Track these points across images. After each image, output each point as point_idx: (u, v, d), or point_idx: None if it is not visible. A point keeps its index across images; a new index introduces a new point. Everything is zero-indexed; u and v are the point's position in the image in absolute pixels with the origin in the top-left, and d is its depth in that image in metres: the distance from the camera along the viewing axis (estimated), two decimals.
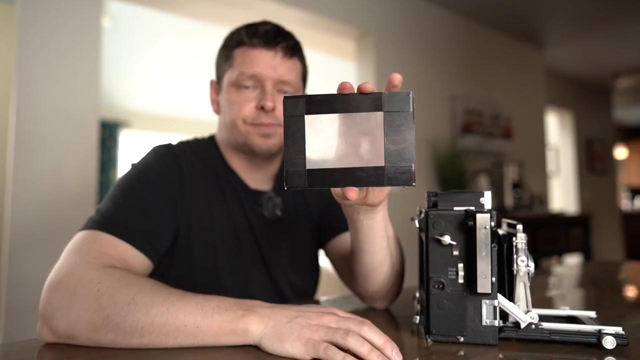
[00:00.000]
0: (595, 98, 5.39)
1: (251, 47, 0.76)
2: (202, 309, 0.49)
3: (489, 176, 3.28)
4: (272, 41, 0.76)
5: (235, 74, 0.76)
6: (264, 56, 0.75)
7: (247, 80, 0.75)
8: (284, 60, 0.76)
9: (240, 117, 0.76)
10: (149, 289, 0.51)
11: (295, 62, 0.80)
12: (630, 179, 7.65)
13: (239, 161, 0.82)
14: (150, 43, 3.56)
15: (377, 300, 0.70)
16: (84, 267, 0.54)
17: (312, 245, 0.88)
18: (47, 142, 1.76)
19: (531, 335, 0.50)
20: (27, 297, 1.67)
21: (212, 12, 2.39)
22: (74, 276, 0.53)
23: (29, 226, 1.70)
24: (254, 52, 0.75)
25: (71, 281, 0.52)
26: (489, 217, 0.48)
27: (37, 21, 1.76)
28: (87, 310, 0.50)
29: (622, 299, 0.79)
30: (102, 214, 0.65)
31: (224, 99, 0.79)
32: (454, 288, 0.50)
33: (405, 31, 3.01)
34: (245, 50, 0.76)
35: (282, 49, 0.76)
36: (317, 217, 0.87)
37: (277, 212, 0.83)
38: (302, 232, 0.86)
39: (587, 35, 3.82)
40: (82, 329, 0.50)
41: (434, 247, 0.51)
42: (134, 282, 0.52)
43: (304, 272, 0.86)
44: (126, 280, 0.52)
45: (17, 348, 0.51)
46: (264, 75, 0.75)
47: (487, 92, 3.59)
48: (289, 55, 0.77)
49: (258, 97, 0.76)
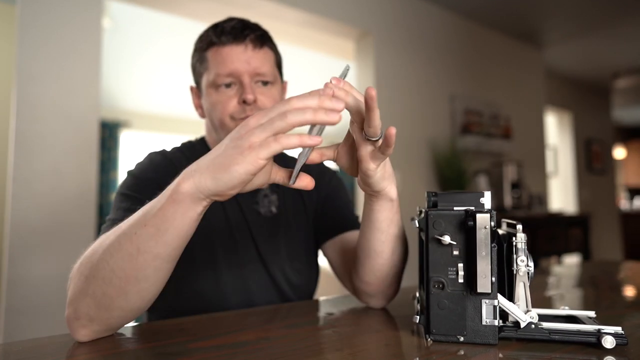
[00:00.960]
0: (594, 98, 5.40)
1: (221, 46, 0.77)
2: (142, 213, 0.49)
3: (488, 176, 3.28)
4: (240, 35, 0.77)
5: (212, 75, 0.77)
6: (235, 51, 0.77)
7: (224, 79, 0.77)
8: (255, 52, 0.78)
9: (226, 114, 0.77)
10: (106, 234, 0.52)
11: (267, 51, 0.81)
12: (629, 179, 7.66)
13: None
14: (151, 43, 3.56)
15: (373, 297, 0.69)
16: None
17: (309, 242, 0.88)
18: (47, 142, 1.76)
19: (531, 335, 0.50)
20: (27, 297, 1.67)
21: (212, 12, 2.39)
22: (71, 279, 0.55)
23: (28, 226, 1.70)
24: (224, 49, 0.77)
25: (70, 284, 0.54)
26: (489, 217, 0.48)
27: (37, 21, 1.76)
28: (75, 285, 0.52)
29: (622, 299, 0.79)
30: (109, 220, 0.68)
31: (207, 102, 0.80)
32: (454, 288, 0.50)
33: (405, 31, 3.01)
34: (216, 49, 0.77)
35: (251, 41, 0.78)
36: (313, 214, 0.88)
37: (273, 209, 0.84)
38: (299, 229, 0.86)
39: (586, 35, 3.82)
40: (76, 299, 0.51)
41: (434, 247, 0.51)
42: (98, 243, 0.53)
43: (302, 269, 0.86)
44: (92, 251, 0.53)
45: (17, 348, 0.51)
46: (239, 70, 0.76)
47: (486, 92, 3.59)
48: (259, 46, 0.79)
49: (238, 93, 0.77)
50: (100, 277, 0.49)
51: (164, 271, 0.51)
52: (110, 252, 0.49)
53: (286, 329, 0.58)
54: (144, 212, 0.49)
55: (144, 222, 0.47)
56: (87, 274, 0.51)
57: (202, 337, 0.54)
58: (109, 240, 0.50)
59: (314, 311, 0.71)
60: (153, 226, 0.47)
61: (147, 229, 0.47)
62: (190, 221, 0.47)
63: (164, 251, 0.48)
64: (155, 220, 0.47)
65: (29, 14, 1.75)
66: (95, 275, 0.50)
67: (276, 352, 0.48)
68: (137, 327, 0.60)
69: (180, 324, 0.60)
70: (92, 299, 0.50)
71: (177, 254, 0.50)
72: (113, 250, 0.49)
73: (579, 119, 5.11)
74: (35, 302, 1.68)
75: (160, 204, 0.47)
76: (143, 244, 0.47)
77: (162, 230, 0.47)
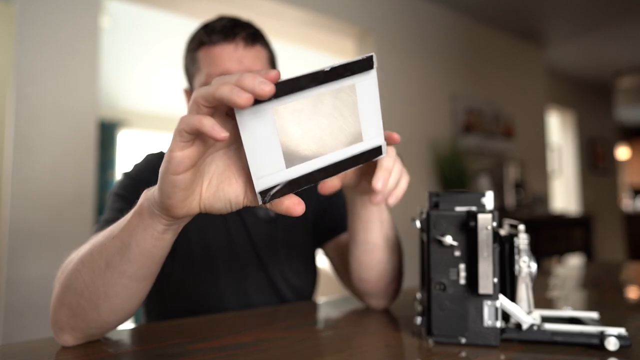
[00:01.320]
0: (597, 97, 5.38)
1: (211, 45, 0.75)
2: (117, 223, 0.46)
3: (490, 176, 3.27)
4: (230, 33, 0.75)
5: (203, 75, 0.76)
6: (226, 51, 0.74)
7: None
8: (246, 50, 0.76)
9: None
10: (84, 248, 0.50)
11: (259, 49, 0.78)
12: (633, 179, 7.63)
13: None
14: (150, 43, 3.56)
15: (374, 297, 0.69)
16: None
17: (308, 245, 0.87)
18: (46, 142, 1.76)
19: (533, 337, 0.50)
20: (26, 297, 1.67)
21: (212, 11, 2.39)
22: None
23: (27, 226, 1.70)
24: (215, 49, 0.75)
25: (53, 290, 0.54)
26: (491, 218, 0.47)
27: (36, 20, 1.76)
28: (55, 293, 0.51)
29: (625, 300, 0.79)
30: (102, 221, 0.67)
31: None
32: (455, 289, 0.50)
33: (406, 30, 3.01)
34: (207, 49, 0.75)
35: (242, 39, 0.75)
36: (313, 217, 0.87)
37: (271, 213, 0.83)
38: (298, 232, 0.85)
39: (588, 34, 3.81)
40: (55, 307, 0.50)
41: (436, 248, 0.51)
42: (78, 251, 0.52)
43: (302, 272, 0.86)
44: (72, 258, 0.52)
45: (16, 349, 0.51)
46: (230, 70, 0.74)
47: (488, 92, 3.58)
48: (250, 44, 0.76)
49: None
50: (73, 288, 0.48)
51: (134, 290, 0.47)
52: (83, 263, 0.47)
53: (286, 330, 0.58)
54: (118, 222, 0.46)
55: (114, 234, 0.45)
56: (62, 282, 0.50)
57: (201, 339, 0.54)
58: (85, 249, 0.49)
59: (313, 312, 0.71)
60: (119, 239, 0.44)
61: (115, 242, 0.45)
62: (152, 239, 0.43)
63: (128, 269, 0.45)
64: (122, 233, 0.44)
65: (28, 13, 1.75)
66: (69, 285, 0.49)
67: (276, 353, 0.48)
68: (135, 329, 0.60)
69: (179, 326, 0.60)
70: (68, 308, 0.49)
71: (144, 274, 0.46)
72: (85, 261, 0.47)
73: (582, 118, 5.10)
74: (33, 302, 1.68)
75: (129, 214, 0.44)
76: (110, 257, 0.45)
77: (125, 244, 0.44)
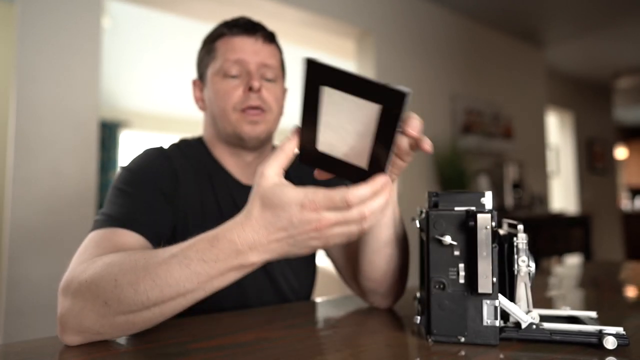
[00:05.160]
0: (595, 98, 5.39)
1: (232, 36, 0.80)
2: (188, 268, 0.46)
3: (489, 176, 3.28)
4: (251, 29, 0.80)
5: (219, 62, 0.79)
6: (246, 42, 0.79)
7: (232, 67, 0.78)
8: (264, 46, 0.80)
9: (230, 104, 0.78)
10: (128, 265, 0.50)
11: (275, 48, 0.84)
12: (631, 179, 7.64)
13: (229, 158, 0.83)
14: (151, 43, 3.56)
15: (381, 296, 0.68)
16: (76, 264, 0.55)
17: None
18: (47, 142, 1.76)
19: (532, 336, 0.50)
20: (27, 297, 1.67)
21: (213, 12, 2.39)
22: (69, 275, 0.54)
23: (28, 226, 1.70)
24: (235, 39, 0.79)
25: (69, 282, 0.53)
26: (490, 217, 0.48)
27: (37, 21, 1.76)
28: (87, 302, 0.49)
29: (623, 299, 0.79)
30: (103, 214, 0.66)
31: (210, 91, 0.81)
32: (454, 288, 0.50)
33: (406, 30, 3.01)
34: (227, 39, 0.80)
35: (262, 35, 0.81)
36: None
37: None
38: None
39: (587, 35, 3.82)
40: (90, 320, 0.49)
41: (435, 247, 0.51)
42: (115, 262, 0.51)
43: (301, 270, 0.86)
44: (107, 262, 0.52)
45: (17, 348, 0.51)
46: (247, 60, 0.78)
47: (487, 92, 3.59)
48: (268, 41, 0.82)
49: (243, 83, 0.78)
50: (125, 312, 0.49)
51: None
52: (147, 306, 0.48)
53: (286, 330, 0.58)
54: (189, 281, 0.47)
55: (196, 289, 0.48)
56: (104, 312, 0.49)
57: (202, 338, 0.54)
58: (141, 297, 0.48)
59: (314, 312, 0.71)
60: (202, 290, 0.48)
61: (202, 293, 0.48)
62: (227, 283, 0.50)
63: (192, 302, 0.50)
64: (207, 285, 0.48)
65: (29, 13, 1.75)
66: (120, 312, 0.49)
67: (276, 352, 0.48)
68: None
69: (180, 324, 0.60)
70: (114, 328, 0.50)
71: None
72: (150, 305, 0.48)
73: (581, 118, 5.11)
74: (34, 302, 1.68)
75: (218, 271, 0.47)
76: (194, 299, 0.49)
77: (207, 290, 0.48)
